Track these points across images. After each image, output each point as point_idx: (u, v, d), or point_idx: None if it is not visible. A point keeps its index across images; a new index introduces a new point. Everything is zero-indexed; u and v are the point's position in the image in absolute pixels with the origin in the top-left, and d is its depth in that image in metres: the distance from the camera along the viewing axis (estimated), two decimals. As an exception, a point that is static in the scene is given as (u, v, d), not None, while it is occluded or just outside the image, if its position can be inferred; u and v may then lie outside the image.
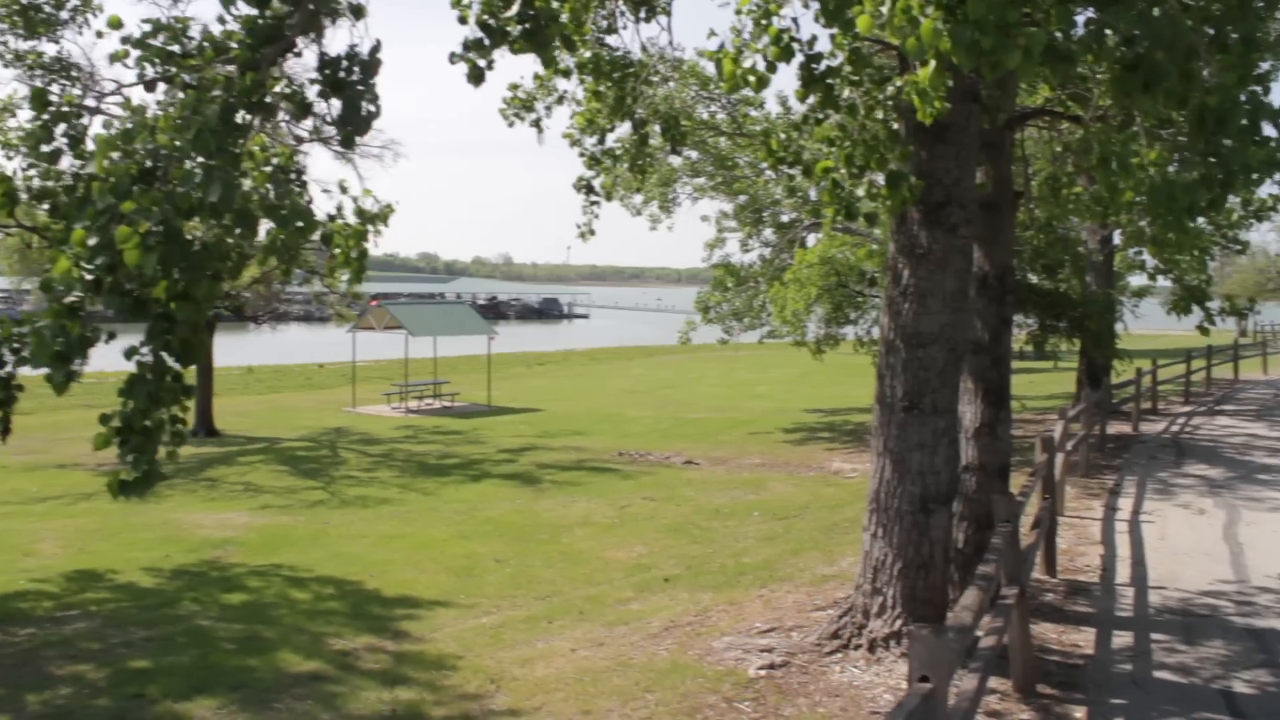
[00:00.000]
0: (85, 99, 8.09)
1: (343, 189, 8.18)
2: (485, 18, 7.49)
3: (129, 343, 6.04)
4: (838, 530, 14.88)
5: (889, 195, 7.35)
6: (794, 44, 7.16)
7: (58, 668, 10.07)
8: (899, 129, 8.36)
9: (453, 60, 6.81)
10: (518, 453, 24.56)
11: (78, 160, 6.79)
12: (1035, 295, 21.06)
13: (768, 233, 28.39)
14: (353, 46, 7.19)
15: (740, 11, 7.57)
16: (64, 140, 6.93)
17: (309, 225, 6.86)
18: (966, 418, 10.70)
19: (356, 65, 7.11)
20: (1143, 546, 13.45)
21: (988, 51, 5.53)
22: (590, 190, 12.23)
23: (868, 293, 23.64)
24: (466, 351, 49.66)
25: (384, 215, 8.13)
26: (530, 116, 12.25)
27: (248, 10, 6.79)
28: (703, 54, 7.65)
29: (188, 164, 5.94)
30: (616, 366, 54.87)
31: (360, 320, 36.88)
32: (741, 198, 27.99)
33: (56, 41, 18.91)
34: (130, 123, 6.26)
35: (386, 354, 47.02)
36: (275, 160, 7.50)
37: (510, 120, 11.68)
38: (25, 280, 35.30)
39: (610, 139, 12.29)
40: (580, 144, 12.26)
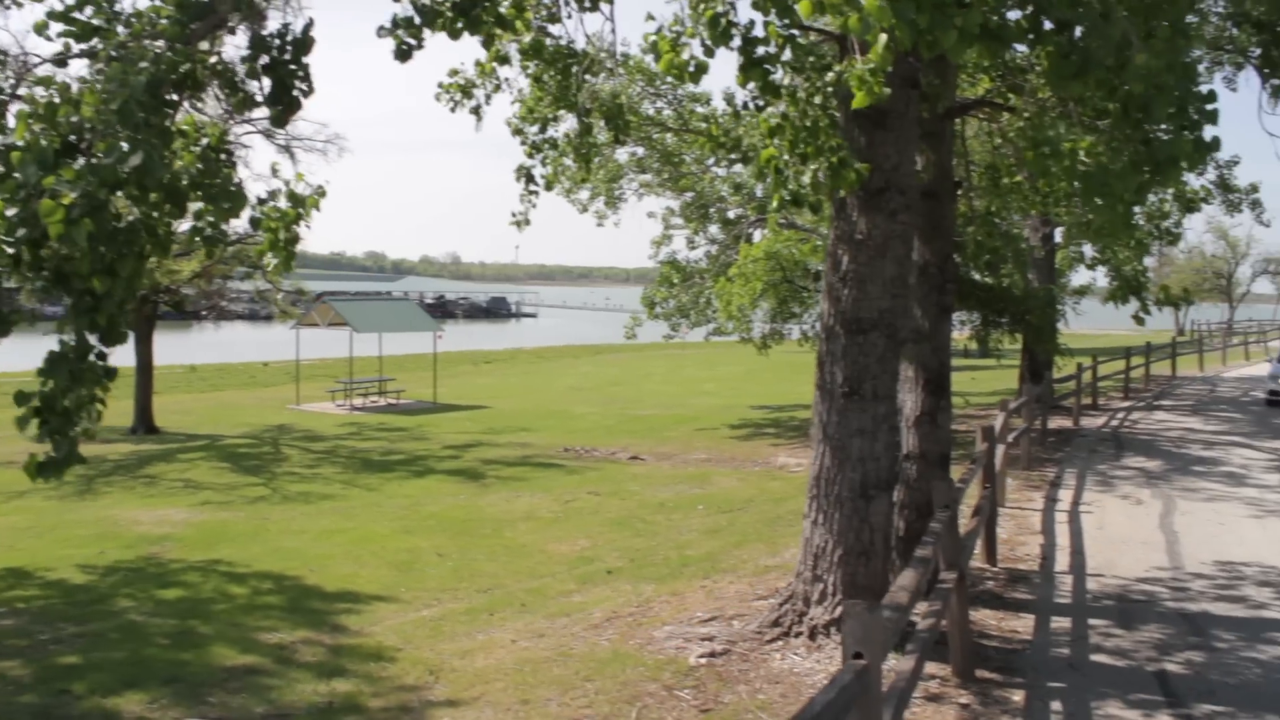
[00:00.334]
0: (8, 79, 7.88)
1: (274, 172, 8.04)
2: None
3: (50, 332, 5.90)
4: (781, 523, 14.89)
5: (832, 182, 7.33)
6: (732, 29, 7.12)
7: (-18, 664, 9.82)
8: (839, 116, 8.36)
9: (380, 34, 6.70)
10: (463, 449, 24.38)
11: (-1, 136, 6.61)
12: (978, 290, 21.22)
13: (714, 229, 28.40)
14: (285, 25, 7.06)
15: (679, -4, 7.53)
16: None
17: (237, 204, 6.72)
18: (907, 406, 10.75)
19: (289, 44, 6.99)
20: (1082, 536, 13.61)
21: (925, 30, 5.54)
22: (530, 179, 12.09)
23: (813, 288, 23.70)
24: (413, 350, 49.30)
25: (316, 200, 8.00)
26: (470, 103, 12.10)
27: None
28: (646, 39, 7.57)
29: (113, 138, 5.80)
30: (564, 364, 54.71)
31: (304, 317, 36.43)
32: (688, 195, 27.99)
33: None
34: (55, 96, 6.09)
35: (332, 352, 46.51)
36: (206, 140, 7.34)
37: (448, 104, 11.52)
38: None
39: (555, 131, 12.17)
40: (522, 132, 12.14)
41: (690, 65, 7.24)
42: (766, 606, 9.95)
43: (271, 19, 7.27)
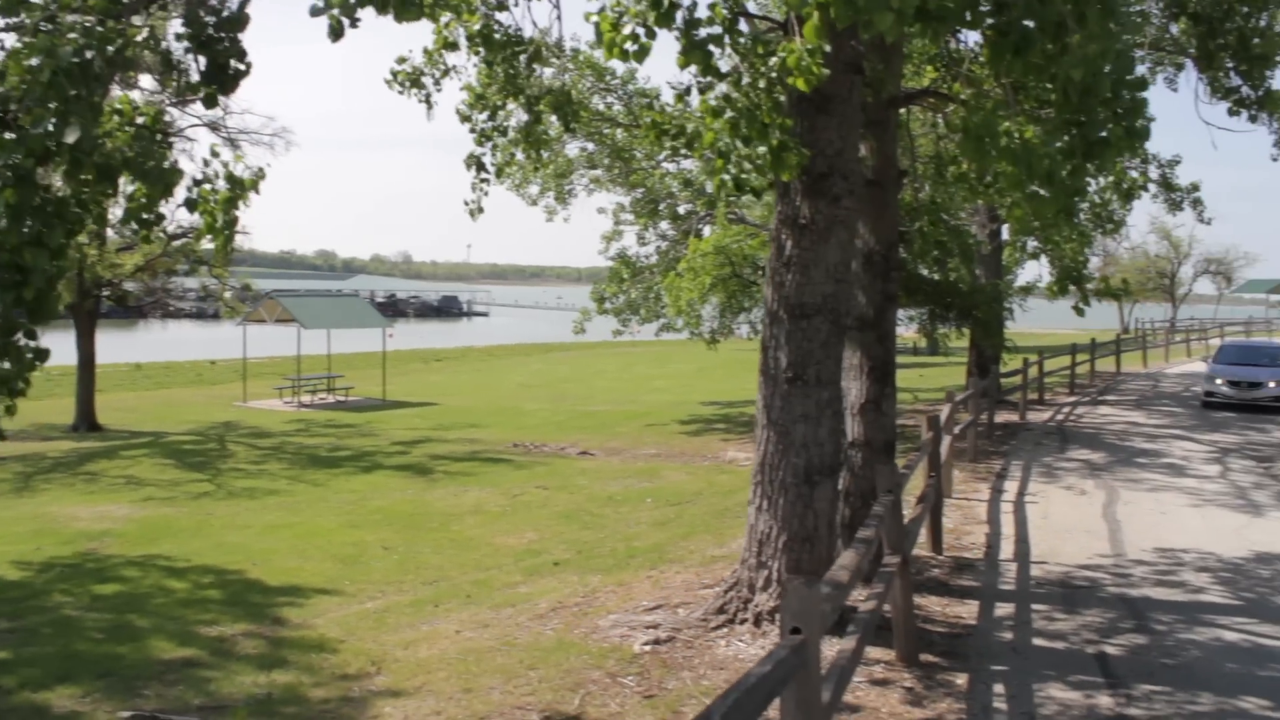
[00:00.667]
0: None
1: (214, 154, 7.89)
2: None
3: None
4: (729, 514, 14.89)
5: (773, 166, 7.30)
6: (674, 10, 7.06)
7: (-90, 660, 9.59)
8: (783, 100, 8.34)
9: (314, 13, 6.58)
10: (411, 445, 24.18)
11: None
12: (925, 285, 21.39)
13: (664, 225, 28.34)
14: (221, 0, 6.93)
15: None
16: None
17: (170, 181, 6.58)
18: (852, 394, 10.77)
19: (224, 21, 6.85)
20: (1026, 525, 13.73)
21: (862, 9, 5.53)
22: (481, 167, 11.99)
23: (761, 281, 23.73)
24: (362, 348, 48.86)
25: (254, 182, 7.86)
26: (420, 92, 11.98)
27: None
28: (587, 17, 7.47)
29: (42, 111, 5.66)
30: (515, 362, 54.48)
31: (251, 313, 35.95)
32: (638, 190, 27.91)
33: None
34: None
35: (280, 350, 46.03)
36: (141, 119, 7.19)
37: (398, 89, 11.39)
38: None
39: (506, 119, 12.06)
40: (471, 120, 12.03)
41: (632, 45, 7.15)
42: (712, 594, 9.93)
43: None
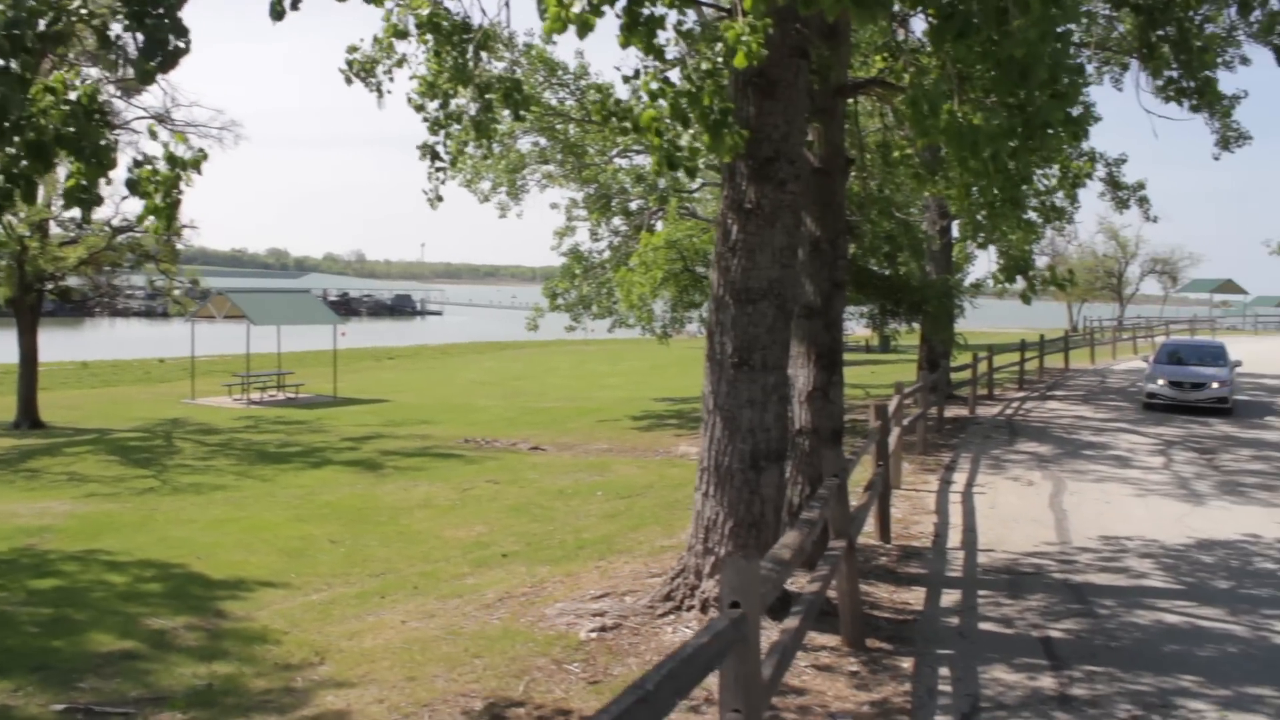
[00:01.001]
0: None
1: (153, 134, 7.74)
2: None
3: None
4: (679, 506, 14.86)
5: (711, 146, 7.27)
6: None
7: None
8: (727, 85, 8.32)
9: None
10: (361, 440, 23.97)
11: None
12: (875, 280, 21.51)
13: (616, 220, 28.33)
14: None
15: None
16: None
17: (105, 160, 6.44)
18: (800, 381, 10.77)
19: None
20: (974, 515, 13.83)
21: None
22: (435, 156, 11.89)
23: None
24: (314, 346, 48.44)
25: (196, 162, 7.72)
26: (373, 81, 11.87)
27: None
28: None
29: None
30: (468, 360, 54.20)
31: (200, 310, 35.47)
32: (591, 186, 27.86)
33: None
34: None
35: (230, 348, 45.50)
36: (75, 95, 7.03)
37: (350, 78, 11.27)
38: None
39: (457, 106, 11.96)
40: (424, 109, 11.93)
41: (574, 20, 7.06)
42: (659, 583, 9.89)
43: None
